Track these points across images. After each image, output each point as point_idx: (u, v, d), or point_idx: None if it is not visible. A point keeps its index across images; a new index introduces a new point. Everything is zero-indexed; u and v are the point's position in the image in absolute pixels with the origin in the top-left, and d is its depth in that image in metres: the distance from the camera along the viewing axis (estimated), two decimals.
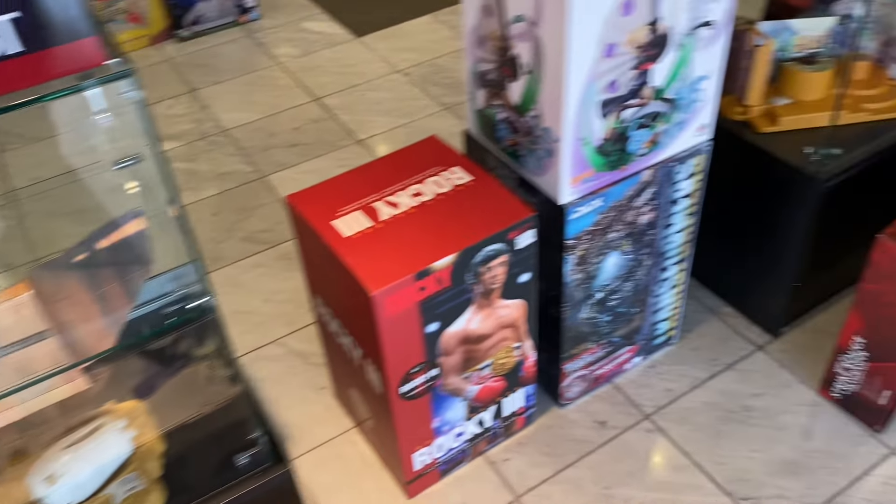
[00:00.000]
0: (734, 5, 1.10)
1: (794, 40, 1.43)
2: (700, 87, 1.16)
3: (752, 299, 1.55)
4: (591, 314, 1.32)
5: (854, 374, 1.33)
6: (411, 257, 1.06)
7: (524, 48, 1.07)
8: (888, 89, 1.43)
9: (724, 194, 1.48)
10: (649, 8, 1.01)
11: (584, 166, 1.12)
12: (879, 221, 1.24)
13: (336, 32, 2.69)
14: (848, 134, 1.38)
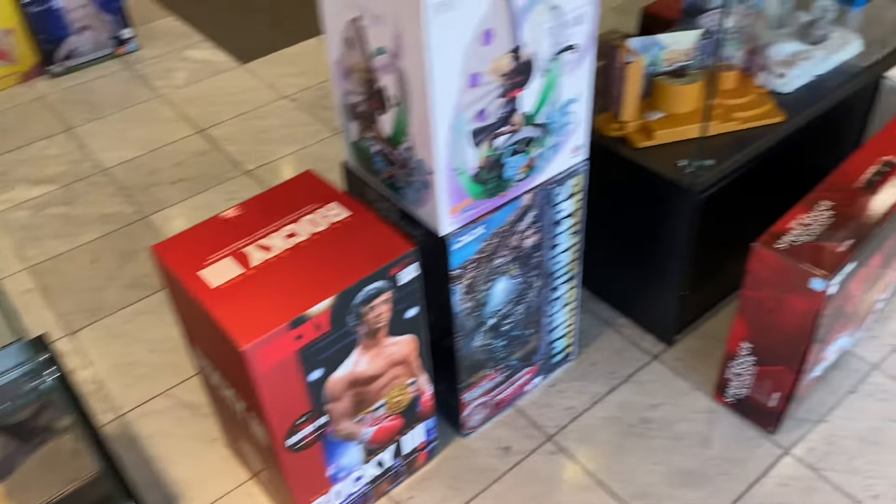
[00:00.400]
0: (596, 28, 1.10)
1: (663, 55, 1.46)
2: (570, 110, 1.16)
3: (645, 309, 1.57)
4: (485, 341, 1.30)
5: (744, 378, 1.36)
6: (285, 305, 1.01)
7: (389, 80, 1.04)
8: (755, 97, 1.48)
9: (609, 209, 1.50)
10: (510, 36, 1.00)
11: (461, 196, 1.10)
12: (757, 227, 1.28)
13: (219, 60, 2.60)
14: (720, 144, 1.41)
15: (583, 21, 1.08)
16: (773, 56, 1.55)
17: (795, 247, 1.19)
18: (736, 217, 1.46)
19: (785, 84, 1.52)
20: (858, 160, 1.36)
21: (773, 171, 1.46)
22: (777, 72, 1.53)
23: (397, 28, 0.97)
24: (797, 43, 1.58)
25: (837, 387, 1.45)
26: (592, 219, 1.48)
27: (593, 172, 1.44)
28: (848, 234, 1.21)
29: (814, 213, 1.25)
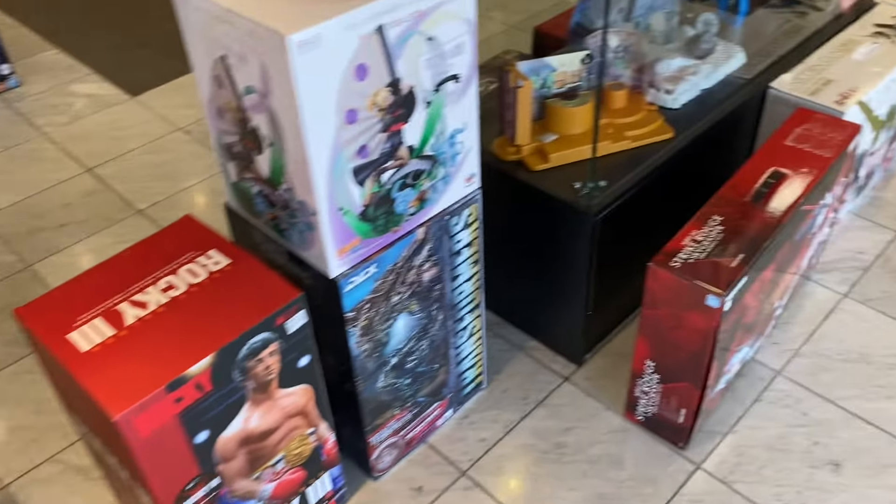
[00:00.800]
0: (476, 57, 1.08)
1: (553, 76, 1.45)
2: (458, 140, 1.13)
3: (553, 331, 1.56)
4: (389, 381, 1.26)
5: (651, 396, 1.36)
6: (161, 367, 0.94)
7: (261, 120, 0.99)
8: (645, 115, 1.49)
9: (511, 233, 1.48)
10: (385, 70, 0.97)
11: (349, 236, 1.06)
12: (656, 244, 1.28)
13: (108, 93, 2.48)
14: (613, 164, 1.41)
15: (463, 51, 1.05)
16: (660, 72, 1.57)
17: (689, 264, 1.20)
18: (635, 234, 1.46)
19: (674, 100, 1.54)
20: (747, 172, 1.38)
21: (667, 187, 1.47)
22: (665, 88, 1.55)
23: (263, 67, 0.92)
24: (684, 58, 1.61)
25: (743, 396, 1.46)
26: (496, 243, 1.46)
27: (494, 197, 1.42)
28: (739, 248, 1.22)
29: (706, 228, 1.26)
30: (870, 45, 1.72)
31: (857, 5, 1.88)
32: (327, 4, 0.91)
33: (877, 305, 1.63)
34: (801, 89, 1.60)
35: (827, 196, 1.45)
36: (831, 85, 1.60)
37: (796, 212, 1.31)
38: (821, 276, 1.70)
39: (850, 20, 1.83)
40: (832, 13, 1.85)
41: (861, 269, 1.72)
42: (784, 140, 1.45)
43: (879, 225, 1.83)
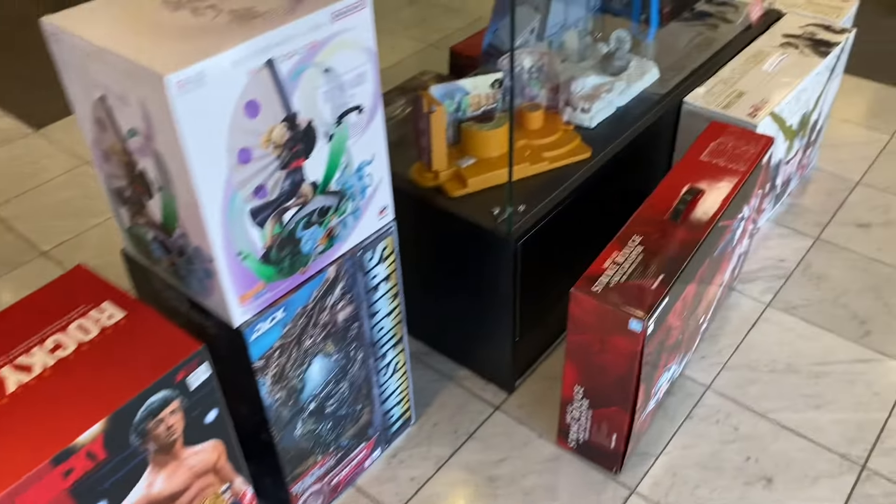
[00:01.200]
0: (379, 86, 1.03)
1: (468, 99, 1.42)
2: (366, 173, 1.08)
3: (482, 359, 1.52)
4: (308, 427, 1.20)
5: (583, 422, 1.33)
6: (46, 438, 0.86)
7: (148, 164, 0.92)
8: (562, 135, 1.47)
9: (434, 260, 1.44)
10: (279, 105, 0.91)
11: (251, 281, 1.00)
12: (579, 265, 1.26)
13: (8, 127, 2.34)
14: (532, 186, 1.39)
15: (364, 81, 1.00)
16: (576, 91, 1.56)
17: (611, 288, 1.18)
18: (558, 257, 1.44)
19: (590, 119, 1.53)
20: (664, 190, 1.37)
21: (587, 207, 1.45)
22: (581, 107, 1.53)
23: (144, 109, 0.85)
24: (598, 76, 1.60)
25: (674, 414, 1.45)
26: (419, 271, 1.42)
27: (414, 225, 1.39)
28: (660, 268, 1.21)
29: (626, 249, 1.25)
30: (779, 56, 1.75)
31: (766, 16, 1.91)
32: (212, 39, 0.86)
33: (800, 313, 1.64)
34: (715, 103, 1.61)
35: (744, 209, 1.46)
36: (744, 97, 1.62)
37: (714, 228, 1.30)
38: (744, 287, 1.71)
39: (760, 31, 1.86)
40: (742, 25, 1.87)
41: (783, 277, 1.73)
42: (699, 155, 1.45)
43: (798, 232, 1.85)
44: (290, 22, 0.88)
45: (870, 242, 1.81)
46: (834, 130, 2.18)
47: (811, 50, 1.76)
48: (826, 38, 1.80)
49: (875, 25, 2.71)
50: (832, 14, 1.92)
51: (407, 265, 1.38)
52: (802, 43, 1.79)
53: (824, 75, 1.77)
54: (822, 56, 1.74)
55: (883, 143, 2.14)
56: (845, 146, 2.13)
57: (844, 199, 1.95)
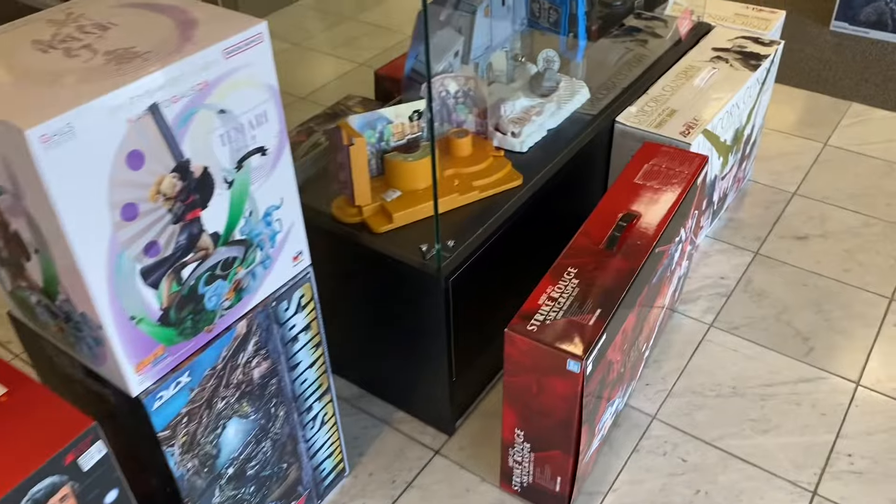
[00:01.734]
0: (283, 125, 0.95)
1: (390, 129, 1.35)
2: (275, 218, 1.00)
3: (419, 401, 1.44)
4: (228, 494, 1.10)
5: (525, 465, 1.26)
6: None
7: (20, 224, 0.82)
8: (492, 162, 1.41)
9: (362, 300, 1.36)
10: (167, 154, 0.82)
11: (148, 346, 0.90)
12: (515, 298, 1.19)
13: None
14: (462, 218, 1.32)
15: (266, 120, 0.92)
16: (505, 115, 1.50)
17: (546, 326, 1.11)
18: (492, 291, 1.37)
19: (521, 143, 1.47)
20: (599, 216, 1.32)
21: (521, 237, 1.39)
22: (511, 131, 1.47)
23: (8, 166, 0.75)
24: (528, 98, 1.55)
25: (620, 448, 1.40)
26: (348, 312, 1.34)
27: (339, 263, 1.31)
28: (596, 302, 1.15)
29: (561, 283, 1.18)
30: (709, 71, 1.72)
31: (695, 30, 1.89)
32: (85, 84, 0.76)
33: (743, 333, 1.61)
34: (647, 122, 1.57)
35: (681, 231, 1.42)
36: (676, 115, 1.58)
37: (651, 255, 1.25)
38: (686, 307, 1.67)
39: (689, 46, 1.83)
40: (671, 40, 1.85)
41: (724, 295, 1.70)
42: (633, 177, 1.40)
43: (737, 247, 1.83)
44: (174, 62, 0.80)
45: (808, 255, 1.80)
46: (767, 141, 2.18)
47: (741, 63, 1.74)
48: (755, 51, 1.78)
49: (803, 34, 2.74)
50: (760, 26, 1.91)
51: (334, 304, 1.30)
52: (732, 56, 1.77)
53: (755, 88, 1.75)
54: (752, 69, 1.72)
55: (816, 151, 2.14)
56: (779, 157, 2.13)
57: (781, 211, 1.93)
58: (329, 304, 1.39)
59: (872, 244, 1.82)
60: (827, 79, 2.47)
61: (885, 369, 1.53)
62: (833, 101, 2.36)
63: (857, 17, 2.69)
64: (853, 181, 2.03)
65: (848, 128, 2.24)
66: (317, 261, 1.11)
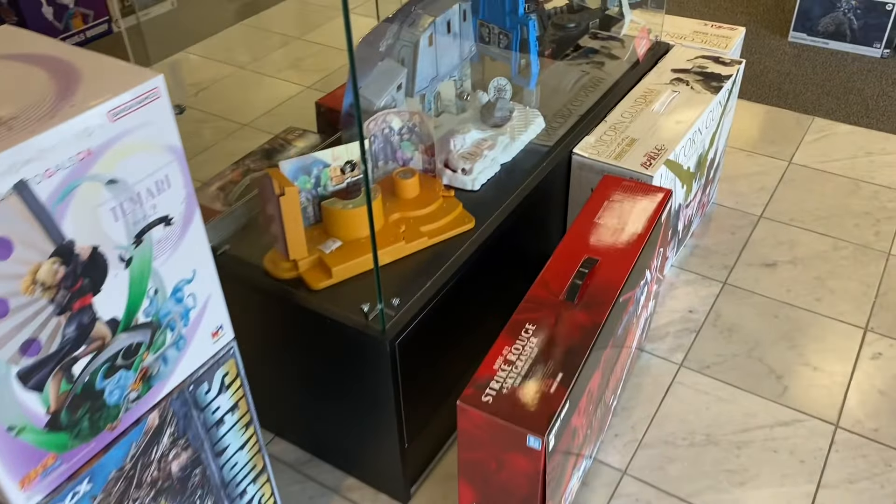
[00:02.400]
0: (191, 188, 0.83)
1: (327, 172, 1.23)
2: (186, 294, 0.87)
3: (370, 466, 1.32)
4: None
5: None
6: None
7: None
8: (442, 204, 1.29)
9: (305, 362, 1.24)
10: (42, 237, 0.69)
11: (34, 457, 0.77)
12: (469, 356, 1.08)
13: None
14: (410, 269, 1.20)
15: (169, 185, 0.80)
16: (455, 150, 1.39)
17: (503, 396, 1.00)
18: (446, 350, 1.25)
19: (473, 180, 1.36)
20: (558, 262, 1.21)
21: (476, 286, 1.28)
22: (462, 167, 1.36)
23: None
24: (479, 130, 1.44)
25: None
26: (290, 373, 1.22)
27: (276, 323, 1.18)
28: (558, 364, 1.04)
29: (518, 342, 1.07)
30: (669, 95, 1.63)
31: (653, 50, 1.80)
32: None
33: (714, 372, 1.52)
34: (606, 153, 1.47)
35: (646, 273, 1.32)
36: (636, 145, 1.49)
37: (616, 304, 1.15)
38: (654, 346, 1.58)
39: (648, 67, 1.74)
40: (629, 61, 1.76)
41: (693, 331, 1.61)
42: (593, 217, 1.30)
43: (705, 277, 1.74)
44: (45, 131, 0.67)
45: (778, 284, 1.72)
46: (731, 161, 2.10)
47: (702, 85, 1.66)
48: (716, 72, 1.70)
49: (761, 45, 2.69)
50: (720, 44, 1.84)
51: (274, 365, 1.18)
52: (692, 78, 1.69)
53: (718, 111, 1.67)
54: (713, 91, 1.64)
55: (781, 170, 2.08)
56: (743, 177, 2.05)
57: (748, 236, 1.85)
58: (268, 364, 1.26)
59: (843, 269, 1.75)
60: (788, 92, 2.42)
61: (864, 408, 1.45)
62: (795, 115, 2.30)
63: (815, 27, 2.64)
64: (820, 201, 1.96)
65: (812, 144, 2.17)
66: (252, 318, 0.99)
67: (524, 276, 1.24)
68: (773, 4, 2.96)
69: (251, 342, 1.29)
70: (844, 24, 2.59)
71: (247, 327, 1.06)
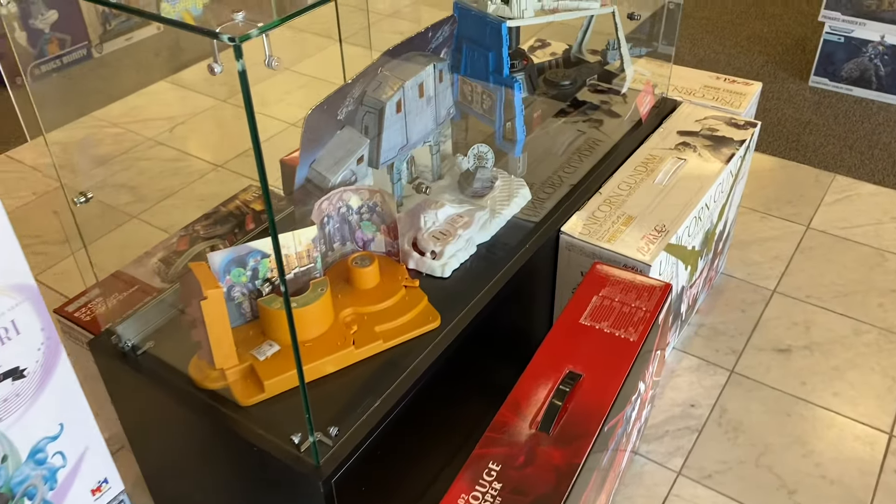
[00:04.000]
0: (52, 329, 0.66)
1: (267, 264, 1.06)
2: (50, 454, 0.70)
3: None
4: None
5: None
6: None
7: None
8: (403, 296, 1.12)
9: (236, 493, 1.06)
10: None
11: None
12: (426, 489, 0.91)
13: None
14: (357, 382, 1.03)
15: (17, 331, 0.63)
16: (426, 227, 1.22)
17: None
18: (399, 485, 1.08)
19: (443, 266, 1.19)
20: (534, 375, 1.03)
21: (438, 402, 1.10)
22: (431, 250, 1.19)
23: None
24: (455, 203, 1.27)
25: None
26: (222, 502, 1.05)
27: (199, 437, 1.01)
28: None
29: (479, 488, 0.90)
30: (674, 162, 1.45)
31: (658, 107, 1.63)
32: None
33: (717, 484, 1.34)
34: (598, 233, 1.29)
35: (639, 385, 1.14)
36: (633, 224, 1.31)
37: (600, 435, 0.97)
38: (649, 449, 1.39)
39: (651, 128, 1.57)
40: (630, 121, 1.58)
41: (694, 430, 1.43)
42: (578, 317, 1.12)
43: (710, 363, 1.56)
44: None
45: (791, 374, 1.53)
46: (743, 223, 1.92)
47: (711, 152, 1.48)
48: (728, 135, 1.52)
49: (780, 90, 2.50)
50: (734, 102, 1.66)
51: (201, 487, 1.01)
52: (701, 143, 1.51)
53: (728, 182, 1.49)
54: (724, 160, 1.46)
55: (798, 235, 1.89)
56: (756, 243, 1.87)
57: (760, 314, 1.67)
58: (193, 484, 1.09)
59: (865, 358, 1.56)
60: (808, 145, 2.23)
61: None
62: (815, 172, 2.12)
63: (838, 72, 2.45)
64: (840, 274, 1.77)
65: (832, 206, 1.99)
66: (175, 432, 0.82)
67: (498, 383, 1.06)
68: (794, 45, 2.78)
69: (174, 458, 1.12)
70: (870, 71, 2.40)
71: (169, 441, 0.90)
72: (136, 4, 0.87)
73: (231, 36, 0.61)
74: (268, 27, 0.64)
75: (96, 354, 1.09)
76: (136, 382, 1.05)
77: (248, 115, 0.67)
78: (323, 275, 1.10)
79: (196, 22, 0.67)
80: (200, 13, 0.80)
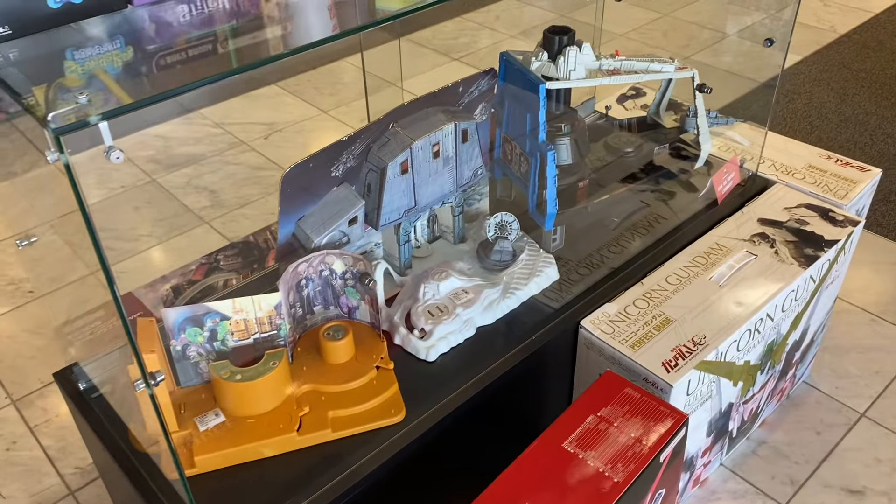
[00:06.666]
0: None
1: (226, 326, 0.99)
2: None
3: None
4: None
5: None
6: None
7: None
8: (372, 378, 1.01)
9: None
10: None
11: None
12: None
13: None
14: (292, 475, 0.93)
15: None
16: (422, 299, 1.10)
17: None
18: None
19: (429, 349, 1.07)
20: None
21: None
22: (422, 327, 1.08)
23: None
24: (461, 276, 1.14)
25: None
26: None
27: None
28: None
29: None
30: (742, 257, 1.24)
31: (744, 186, 1.40)
32: None
33: None
34: (623, 334, 1.11)
35: None
36: (668, 329, 1.12)
37: None
38: None
39: (729, 211, 1.35)
40: (706, 198, 1.37)
41: None
42: (564, 439, 0.96)
43: (761, 492, 1.33)
44: None
45: None
46: (843, 325, 1.64)
47: (792, 250, 1.25)
48: (819, 233, 1.28)
49: None
50: (840, 189, 1.40)
51: None
52: (783, 237, 1.28)
53: (808, 288, 1.25)
54: (804, 264, 1.22)
55: None
56: (855, 352, 1.59)
57: (838, 441, 1.41)
58: None
59: None
60: None
61: None
62: None
63: None
64: None
65: None
66: (116, 487, 0.77)
67: (461, 500, 0.93)
68: None
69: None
70: None
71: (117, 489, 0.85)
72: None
73: (56, 126, 0.53)
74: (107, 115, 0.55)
75: (60, 385, 1.07)
76: (88, 424, 1.02)
77: (82, 212, 0.58)
78: (291, 342, 1.02)
79: (53, 98, 0.60)
80: (118, 72, 0.73)
